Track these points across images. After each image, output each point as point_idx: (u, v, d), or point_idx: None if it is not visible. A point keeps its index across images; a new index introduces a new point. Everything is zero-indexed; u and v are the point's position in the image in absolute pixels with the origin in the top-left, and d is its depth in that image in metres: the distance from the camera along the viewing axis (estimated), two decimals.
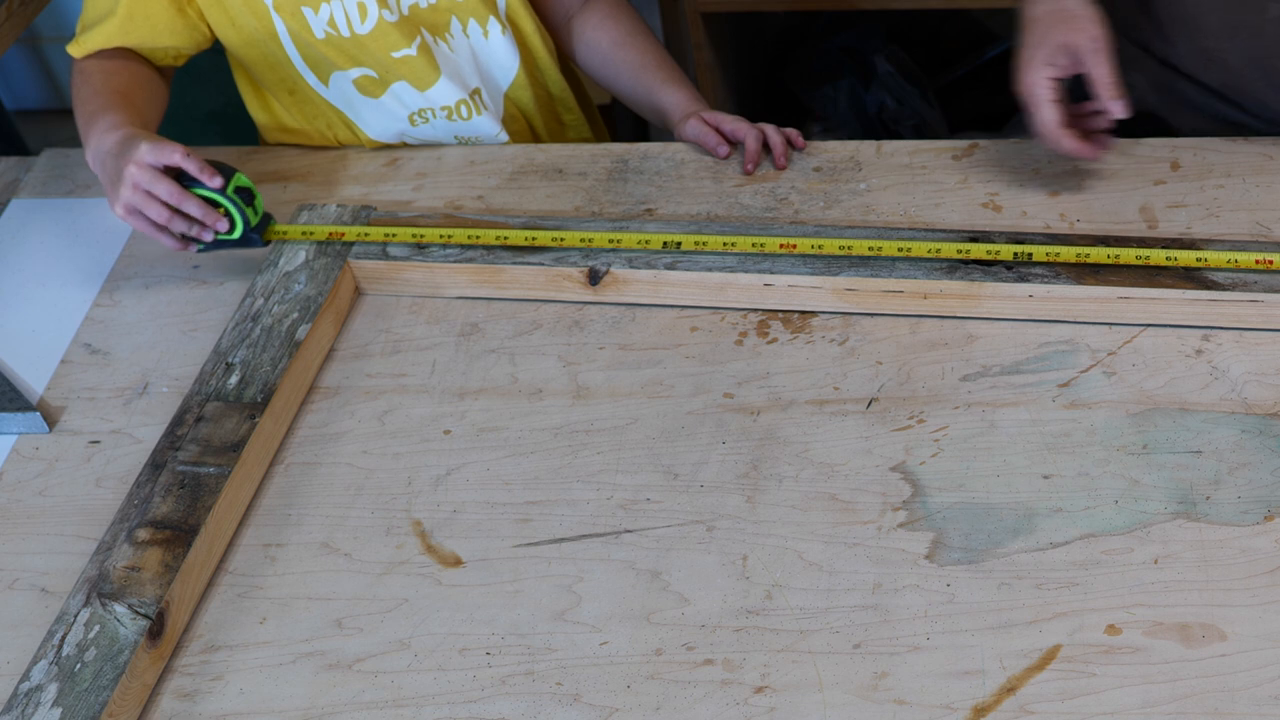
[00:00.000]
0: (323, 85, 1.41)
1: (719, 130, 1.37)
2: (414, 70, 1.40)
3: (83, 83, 1.35)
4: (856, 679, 0.91)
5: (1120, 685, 0.88)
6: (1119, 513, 0.98)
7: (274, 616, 1.00)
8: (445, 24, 1.41)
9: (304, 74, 1.41)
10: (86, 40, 1.36)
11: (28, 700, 0.93)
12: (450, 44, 1.42)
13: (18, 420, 1.18)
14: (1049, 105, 1.18)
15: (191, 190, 1.21)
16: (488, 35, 1.43)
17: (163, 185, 1.20)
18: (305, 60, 1.40)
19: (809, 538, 1.00)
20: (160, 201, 1.21)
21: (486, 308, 1.23)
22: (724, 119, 1.37)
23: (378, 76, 1.40)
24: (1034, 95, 1.18)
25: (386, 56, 1.39)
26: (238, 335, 1.18)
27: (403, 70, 1.40)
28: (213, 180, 1.21)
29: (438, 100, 1.42)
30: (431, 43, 1.40)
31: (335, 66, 1.39)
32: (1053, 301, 1.12)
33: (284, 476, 1.11)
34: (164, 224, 1.22)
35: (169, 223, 1.22)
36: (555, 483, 1.07)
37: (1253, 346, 1.09)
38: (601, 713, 0.91)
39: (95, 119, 1.28)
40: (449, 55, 1.42)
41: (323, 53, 1.38)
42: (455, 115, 1.44)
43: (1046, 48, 1.18)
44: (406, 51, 1.39)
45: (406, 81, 1.40)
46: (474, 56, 1.44)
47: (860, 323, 1.16)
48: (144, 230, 1.23)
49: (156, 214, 1.21)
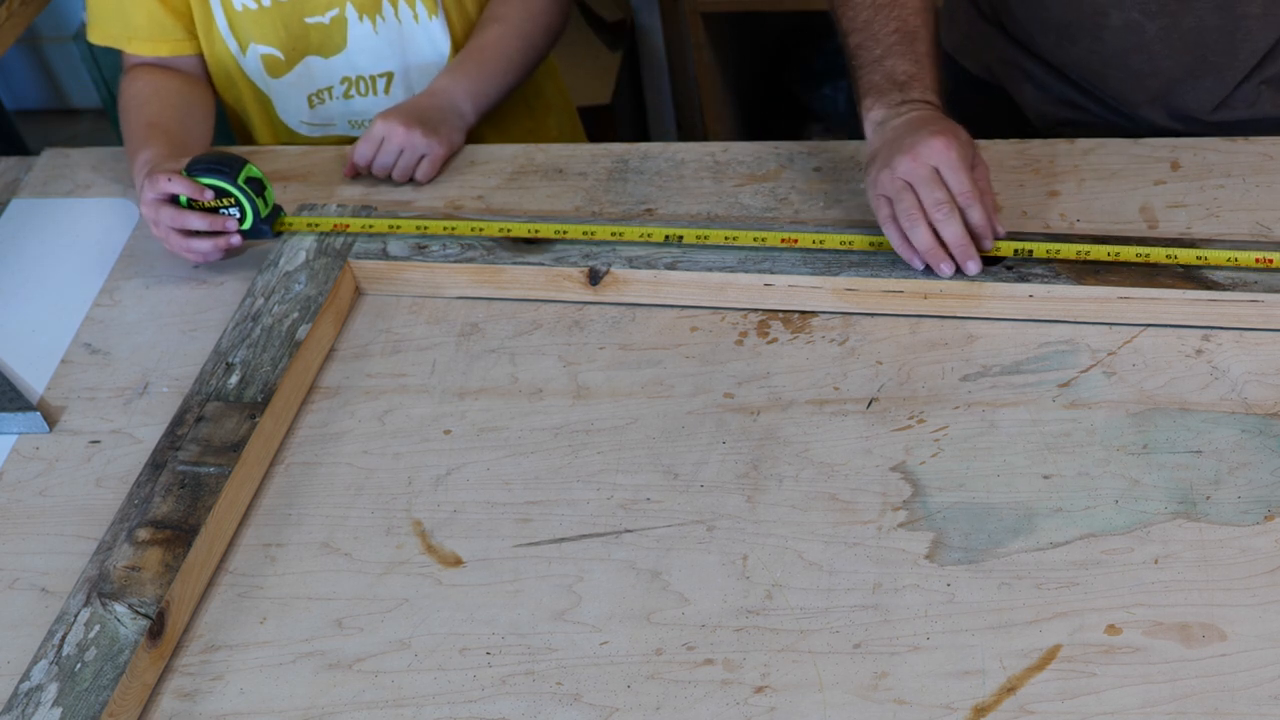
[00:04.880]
0: (242, 54, 1.47)
1: None
2: (323, 36, 1.45)
3: (123, 115, 1.43)
4: (856, 679, 0.91)
5: (1120, 685, 0.88)
6: (1119, 513, 0.98)
7: (274, 616, 1.00)
8: (376, 5, 1.45)
9: (230, 45, 1.47)
10: (112, 43, 1.46)
11: (28, 700, 0.93)
12: (375, 25, 1.45)
13: (18, 420, 1.18)
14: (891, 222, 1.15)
15: (201, 181, 1.26)
16: (418, 19, 1.46)
17: (164, 214, 1.27)
18: (231, 30, 1.46)
19: (809, 537, 1.00)
20: (169, 228, 1.27)
21: (486, 308, 1.23)
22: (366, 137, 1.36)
23: (283, 57, 1.47)
24: (878, 214, 1.16)
25: (299, 22, 1.44)
26: (238, 335, 1.18)
27: (313, 36, 1.45)
28: (203, 194, 1.26)
29: (339, 71, 1.48)
30: (354, 18, 1.44)
31: (250, 38, 1.46)
32: (1053, 301, 1.12)
33: (284, 476, 1.11)
34: (186, 249, 1.28)
35: (188, 246, 1.28)
36: (555, 483, 1.07)
37: (1253, 346, 1.09)
38: (601, 713, 0.91)
39: (133, 161, 1.37)
40: (369, 32, 1.46)
41: (241, 23, 1.45)
42: (354, 90, 1.48)
43: (888, 181, 1.14)
44: (319, 19, 1.44)
45: (312, 53, 1.46)
46: (400, 39, 1.47)
47: (860, 323, 1.16)
48: (184, 257, 1.30)
49: (175, 245, 1.28)
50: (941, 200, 1.11)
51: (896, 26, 1.22)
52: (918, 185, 1.11)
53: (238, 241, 1.27)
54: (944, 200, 1.11)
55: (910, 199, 1.12)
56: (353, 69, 1.49)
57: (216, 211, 1.26)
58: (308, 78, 1.49)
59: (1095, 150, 1.29)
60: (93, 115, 3.01)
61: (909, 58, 1.21)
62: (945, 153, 1.11)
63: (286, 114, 1.52)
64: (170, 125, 1.39)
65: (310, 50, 1.47)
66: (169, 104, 1.42)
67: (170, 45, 1.46)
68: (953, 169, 1.11)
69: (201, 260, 1.29)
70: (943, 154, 1.11)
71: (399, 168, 1.35)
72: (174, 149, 1.34)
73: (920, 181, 1.11)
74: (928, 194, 1.11)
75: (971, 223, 1.12)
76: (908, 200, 1.12)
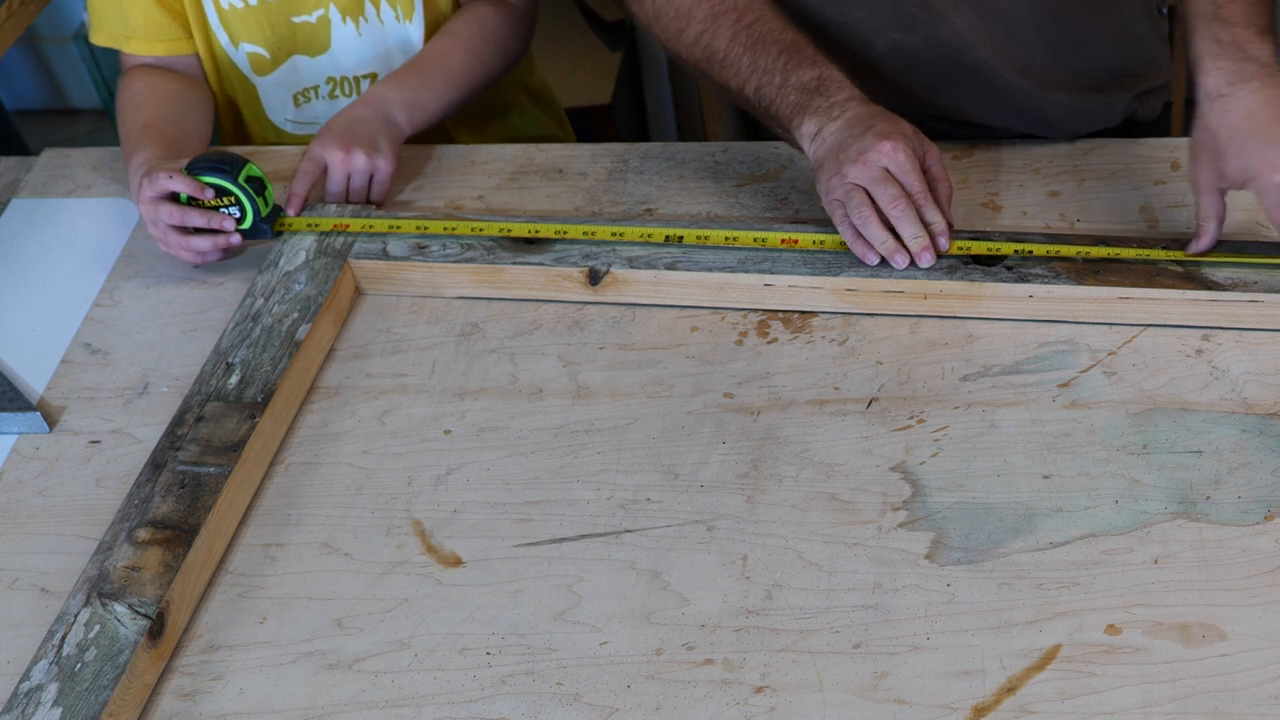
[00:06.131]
0: (234, 48, 1.48)
1: None
2: (309, 36, 1.45)
3: (119, 117, 1.42)
4: (856, 679, 0.91)
5: (1120, 685, 0.88)
6: (1119, 513, 0.98)
7: (274, 616, 1.00)
8: (359, 7, 1.45)
9: (220, 36, 1.47)
10: (112, 43, 1.46)
11: (28, 700, 0.93)
12: (358, 26, 1.45)
13: (18, 420, 1.18)
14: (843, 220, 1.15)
15: (202, 179, 1.25)
16: (399, 20, 1.47)
17: (163, 212, 1.26)
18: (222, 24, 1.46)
19: (809, 538, 1.00)
20: (169, 227, 1.27)
21: (486, 308, 1.23)
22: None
23: (269, 56, 1.47)
24: (834, 217, 1.16)
25: (286, 21, 1.45)
26: (238, 335, 1.18)
27: (299, 35, 1.45)
28: (204, 193, 1.25)
29: (324, 71, 1.48)
30: (338, 19, 1.44)
31: (239, 35, 1.46)
32: (1053, 301, 1.12)
33: (284, 476, 1.11)
34: (184, 248, 1.27)
35: (187, 245, 1.27)
36: (555, 483, 1.07)
37: (1253, 346, 1.09)
38: (601, 713, 0.91)
39: (128, 163, 1.35)
40: (352, 34, 1.46)
41: (230, 19, 1.45)
42: (339, 91, 1.48)
43: (840, 182, 1.13)
44: (305, 18, 1.44)
45: (298, 53, 1.46)
46: (384, 41, 1.48)
47: (860, 323, 1.16)
48: (181, 257, 1.29)
49: (173, 244, 1.27)
50: (896, 196, 1.11)
51: (778, 50, 1.20)
52: (870, 186, 1.12)
53: (237, 241, 1.27)
54: (898, 196, 1.11)
55: (860, 196, 1.12)
56: (337, 69, 1.49)
57: (217, 210, 1.26)
58: (294, 76, 1.49)
59: (1095, 150, 1.29)
60: (93, 115, 3.01)
61: (805, 64, 1.19)
62: (893, 155, 1.11)
63: (272, 111, 1.53)
64: (166, 127, 1.39)
65: (297, 49, 1.47)
66: (165, 105, 1.42)
67: (167, 44, 1.46)
68: (904, 170, 1.11)
69: (199, 260, 1.29)
70: (891, 156, 1.11)
71: (352, 191, 1.32)
72: (169, 150, 1.34)
73: (872, 183, 1.11)
74: (881, 192, 1.11)
75: (927, 220, 1.12)
76: (858, 198, 1.12)
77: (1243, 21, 1.07)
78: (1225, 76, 1.06)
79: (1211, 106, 1.07)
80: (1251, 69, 1.06)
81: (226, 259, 1.31)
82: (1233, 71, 1.06)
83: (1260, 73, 1.06)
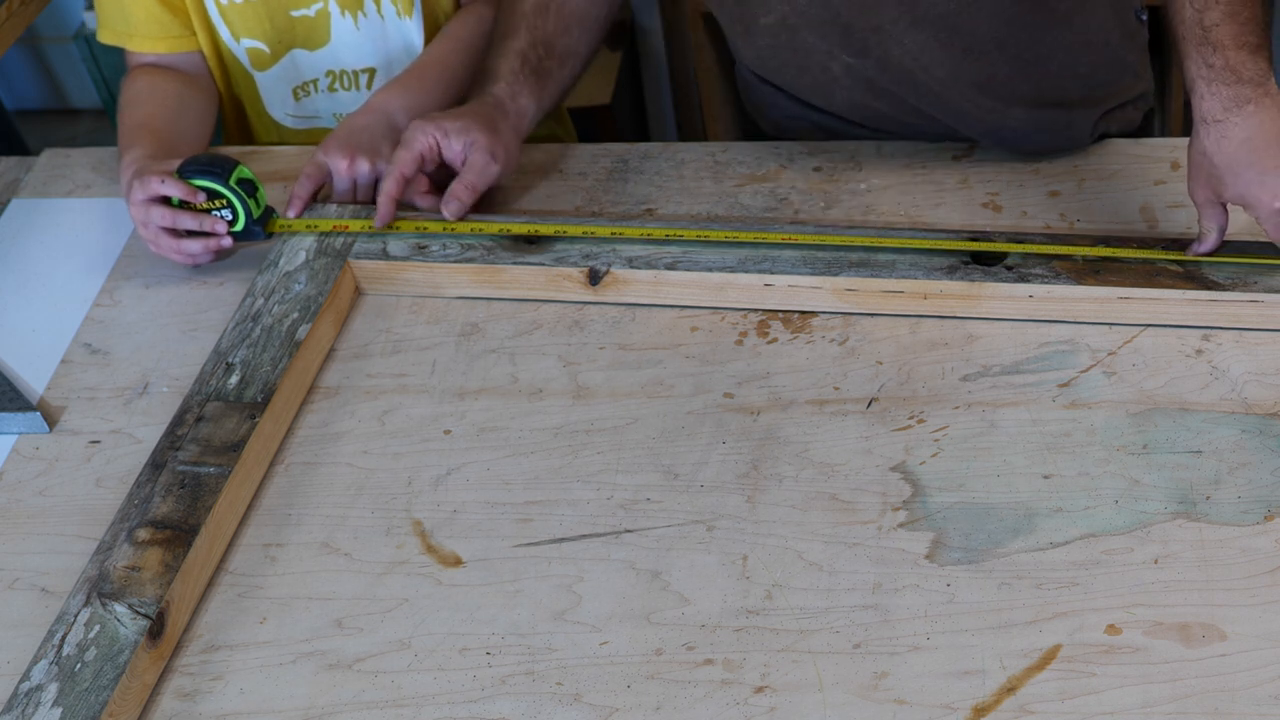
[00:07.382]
0: (235, 42, 1.48)
1: None
2: (308, 30, 1.45)
3: (119, 115, 1.42)
4: (856, 679, 0.91)
5: (1120, 685, 0.88)
6: (1119, 513, 0.98)
7: (274, 616, 1.00)
8: (358, 1, 1.46)
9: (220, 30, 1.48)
10: (116, 41, 1.47)
11: (28, 700, 0.93)
12: (357, 20, 1.46)
13: (18, 420, 1.18)
14: None
15: (192, 183, 1.25)
16: (400, 15, 1.47)
17: (155, 214, 1.26)
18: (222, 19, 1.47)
19: (809, 538, 1.00)
20: (159, 229, 1.27)
21: (486, 308, 1.23)
22: None
23: (269, 50, 1.47)
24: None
25: (285, 15, 1.45)
26: (238, 335, 1.18)
27: (298, 29, 1.45)
28: (195, 196, 1.25)
29: (323, 65, 1.48)
30: (336, 13, 1.45)
31: (239, 31, 1.46)
32: (1053, 301, 1.12)
33: (284, 476, 1.11)
34: (175, 250, 1.28)
35: (179, 247, 1.27)
36: (555, 483, 1.07)
37: (1253, 346, 1.09)
38: (601, 713, 0.91)
39: (121, 161, 1.35)
40: (350, 28, 1.46)
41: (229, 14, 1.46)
42: (338, 85, 1.49)
43: None
44: (304, 12, 1.44)
45: (297, 47, 1.46)
46: (383, 36, 1.48)
47: (860, 323, 1.16)
48: (171, 259, 1.29)
49: (164, 246, 1.28)
50: None
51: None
52: None
53: (228, 243, 1.27)
54: None
55: None
56: (336, 63, 1.49)
57: (208, 213, 1.26)
58: (293, 70, 1.50)
59: (1095, 150, 1.29)
60: (93, 115, 3.02)
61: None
62: None
63: (271, 106, 1.53)
64: (160, 126, 1.38)
65: (296, 43, 1.48)
66: (162, 105, 1.42)
67: (169, 42, 1.46)
68: None
69: (190, 262, 1.29)
70: None
71: (359, 192, 1.32)
72: (162, 149, 1.33)
73: None
74: None
75: None
76: None
77: (1233, 43, 1.05)
78: (1220, 102, 1.05)
79: (1208, 131, 1.06)
80: (1247, 92, 1.04)
81: (218, 260, 1.31)
82: (1227, 97, 1.04)
83: (1256, 94, 1.04)
